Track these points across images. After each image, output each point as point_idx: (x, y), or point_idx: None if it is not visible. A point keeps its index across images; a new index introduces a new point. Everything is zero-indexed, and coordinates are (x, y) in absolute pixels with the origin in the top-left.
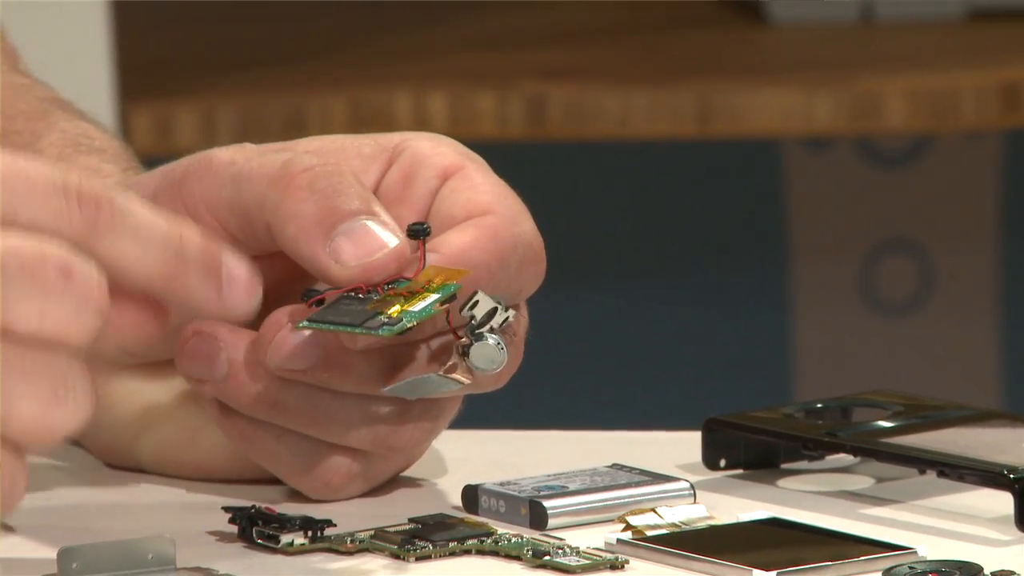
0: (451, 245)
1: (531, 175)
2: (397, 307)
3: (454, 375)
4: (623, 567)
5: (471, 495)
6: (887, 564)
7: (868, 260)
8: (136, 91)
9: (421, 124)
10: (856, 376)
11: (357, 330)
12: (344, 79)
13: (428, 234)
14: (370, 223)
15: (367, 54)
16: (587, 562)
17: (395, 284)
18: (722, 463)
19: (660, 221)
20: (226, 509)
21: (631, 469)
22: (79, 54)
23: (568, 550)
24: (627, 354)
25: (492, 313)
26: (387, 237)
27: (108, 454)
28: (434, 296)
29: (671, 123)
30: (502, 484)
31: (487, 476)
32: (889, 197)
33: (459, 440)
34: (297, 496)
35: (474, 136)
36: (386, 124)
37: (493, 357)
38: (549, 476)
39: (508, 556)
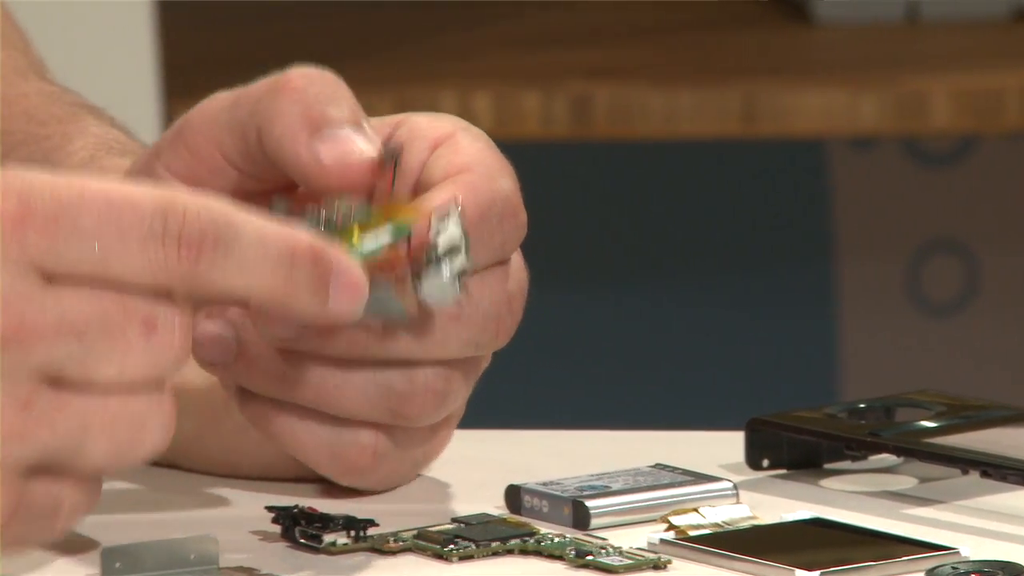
0: (430, 202)
1: (576, 175)
2: (347, 240)
3: (404, 298)
4: (666, 567)
5: (514, 495)
6: (930, 564)
7: (913, 260)
8: (181, 90)
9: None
10: (901, 376)
11: None
12: (389, 78)
13: (398, 157)
14: (354, 132)
15: (412, 53)
16: (630, 562)
17: (356, 213)
18: (765, 463)
19: (705, 220)
20: (269, 509)
21: (674, 469)
22: (124, 53)
23: (611, 550)
24: (671, 354)
25: (455, 250)
26: (367, 148)
27: None
28: (386, 234)
29: (716, 123)
30: (545, 484)
31: (530, 476)
32: (934, 197)
33: (502, 440)
34: (340, 496)
35: (519, 136)
36: None
37: (444, 291)
38: (592, 476)
39: (551, 556)
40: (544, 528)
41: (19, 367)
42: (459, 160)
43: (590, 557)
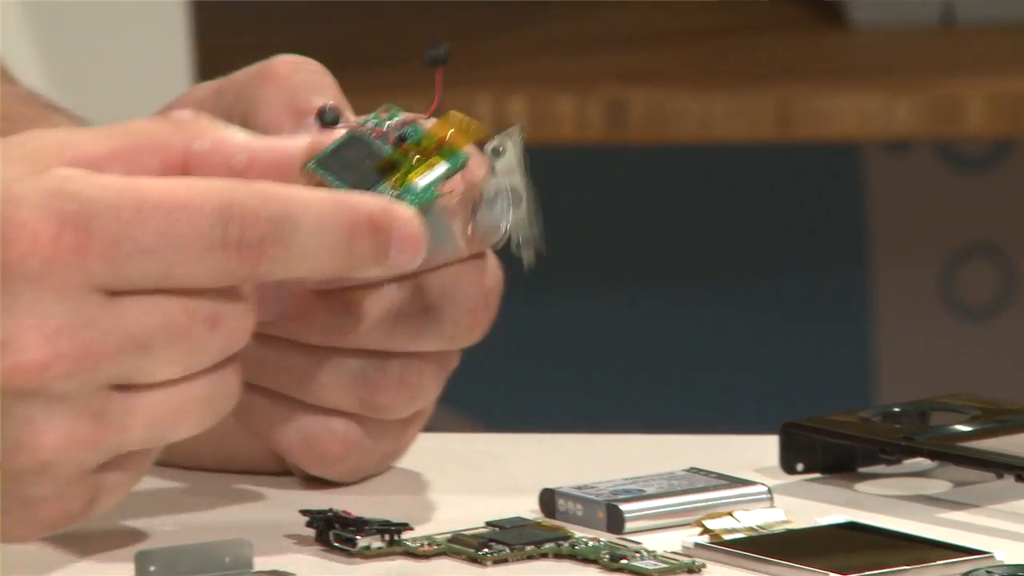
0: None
1: (611, 178)
2: (400, 176)
3: (454, 228)
4: (700, 571)
5: (548, 498)
6: (965, 568)
7: (948, 263)
8: None
9: (501, 126)
10: (936, 380)
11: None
12: (424, 82)
13: (446, 61)
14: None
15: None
16: (664, 566)
17: (410, 129)
18: (799, 467)
19: (740, 224)
20: (304, 512)
21: (708, 473)
22: (159, 55)
23: (645, 554)
24: (706, 357)
25: (511, 172)
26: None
27: None
28: (442, 168)
29: (751, 126)
30: (579, 488)
31: (564, 480)
32: (969, 201)
33: (536, 444)
34: (375, 500)
35: (554, 139)
36: None
37: (498, 221)
38: (626, 480)
39: (585, 560)
40: (578, 532)
41: (89, 385)
42: None
43: (624, 561)
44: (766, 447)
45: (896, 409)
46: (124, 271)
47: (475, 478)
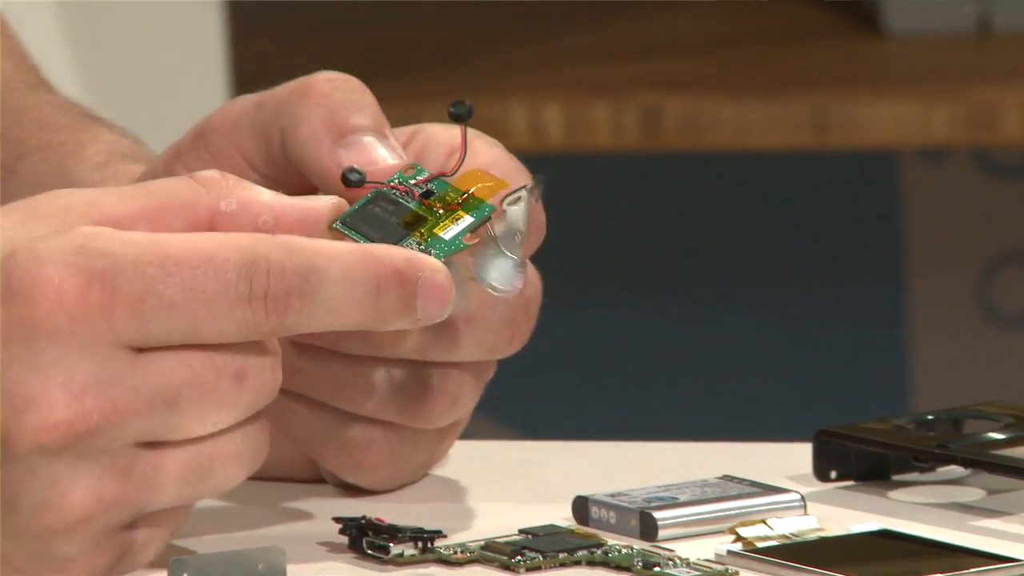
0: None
1: (646, 186)
2: (426, 230)
3: (470, 288)
4: None
5: (581, 506)
6: None
7: (984, 271)
8: None
9: (536, 134)
10: (972, 388)
11: None
12: (460, 90)
13: (471, 115)
14: (377, 141)
15: (483, 65)
16: (697, 573)
17: (435, 185)
18: (833, 474)
19: (776, 232)
20: (337, 519)
21: (741, 480)
22: (194, 60)
23: (678, 561)
24: (740, 365)
25: (516, 234)
26: (387, 155)
27: None
28: (467, 220)
29: (787, 134)
30: (612, 495)
31: (597, 487)
32: (1005, 209)
33: (570, 451)
34: (408, 507)
35: (589, 147)
36: (502, 134)
37: (507, 275)
38: (659, 487)
39: (618, 567)
40: (611, 539)
41: (116, 443)
42: (477, 163)
43: (657, 568)
44: (799, 455)
45: (930, 417)
46: (150, 327)
47: (508, 485)
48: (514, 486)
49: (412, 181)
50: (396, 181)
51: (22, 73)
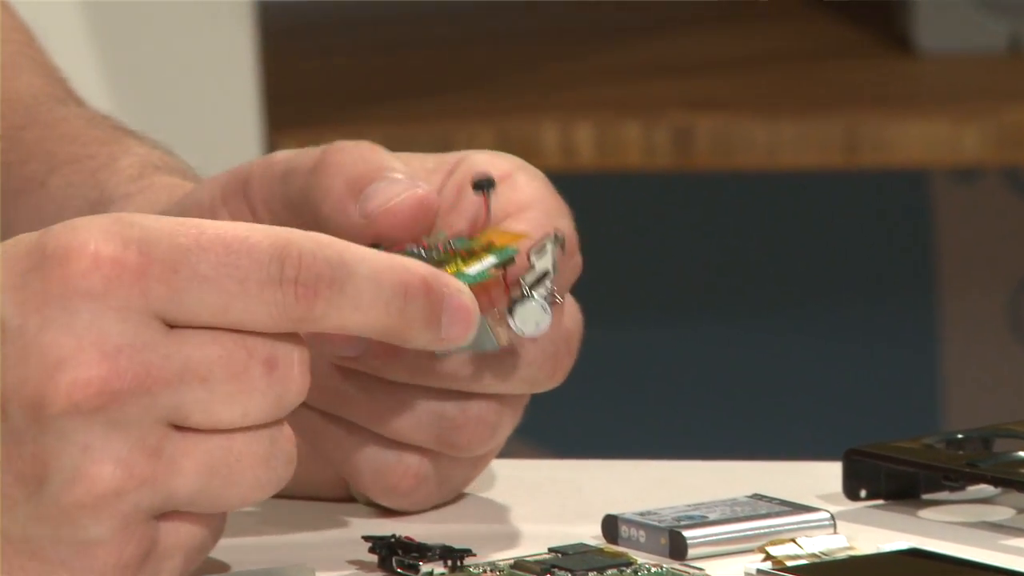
0: (527, 232)
1: (677, 205)
2: (452, 268)
3: (497, 329)
4: None
5: (611, 524)
6: None
7: (1015, 291)
8: (284, 121)
9: (567, 154)
10: (1003, 407)
11: None
12: (491, 109)
13: (492, 186)
14: (395, 175)
15: (514, 84)
16: None
17: (456, 243)
18: (862, 493)
19: (807, 251)
20: (366, 538)
21: (771, 499)
22: (227, 84)
23: None
24: (771, 384)
25: (546, 278)
26: (412, 186)
27: None
28: (491, 259)
29: (818, 154)
30: (642, 514)
31: (627, 506)
32: None
33: (599, 470)
34: (437, 525)
35: (620, 166)
36: (533, 154)
37: (537, 320)
38: (689, 506)
39: None
40: (641, 558)
41: (147, 414)
42: (518, 198)
43: None
44: (829, 474)
45: (960, 435)
46: (182, 298)
47: (538, 504)
48: (543, 504)
49: (435, 248)
50: (415, 248)
51: (51, 87)
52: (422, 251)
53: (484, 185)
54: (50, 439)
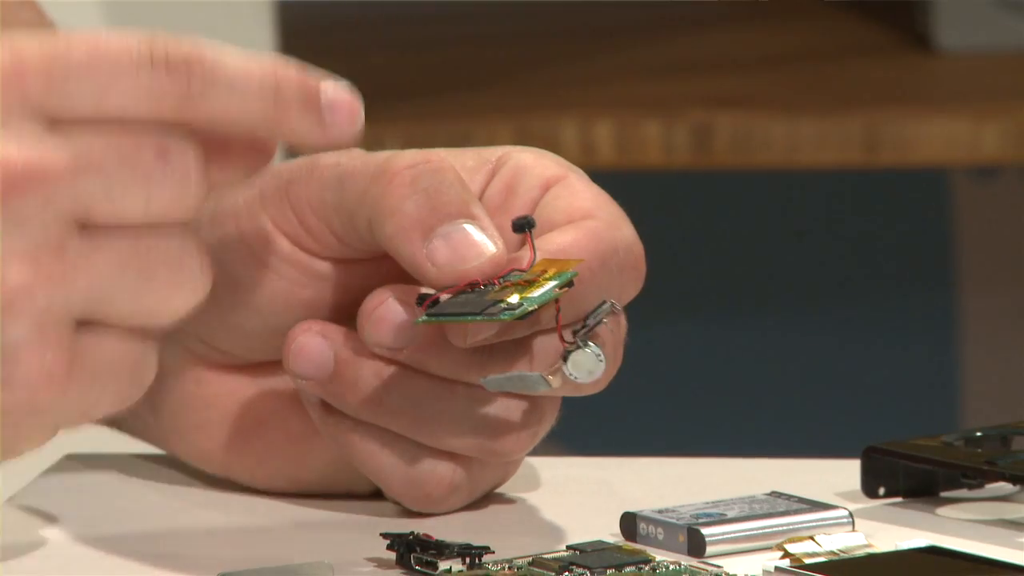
0: (552, 244)
1: (697, 203)
2: (516, 294)
3: (552, 376)
4: None
5: (629, 522)
6: None
7: None
8: None
9: (587, 152)
10: (1022, 404)
11: (478, 317)
12: (511, 107)
13: (533, 226)
14: (469, 227)
15: (534, 82)
16: None
17: (508, 277)
18: (881, 491)
19: (827, 249)
20: (384, 535)
21: (789, 497)
22: None
23: None
24: (790, 381)
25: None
26: (485, 243)
27: (199, 458)
28: (552, 282)
29: (838, 152)
30: (660, 511)
31: (645, 503)
32: None
33: (618, 467)
34: (456, 523)
35: (640, 164)
36: (552, 151)
37: (591, 368)
38: (707, 503)
39: None
40: (659, 555)
41: (44, 211)
42: (580, 204)
43: None
44: (848, 471)
45: (978, 434)
46: (60, 93)
47: (556, 501)
48: (562, 502)
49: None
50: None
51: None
52: (480, 287)
53: (525, 226)
54: None
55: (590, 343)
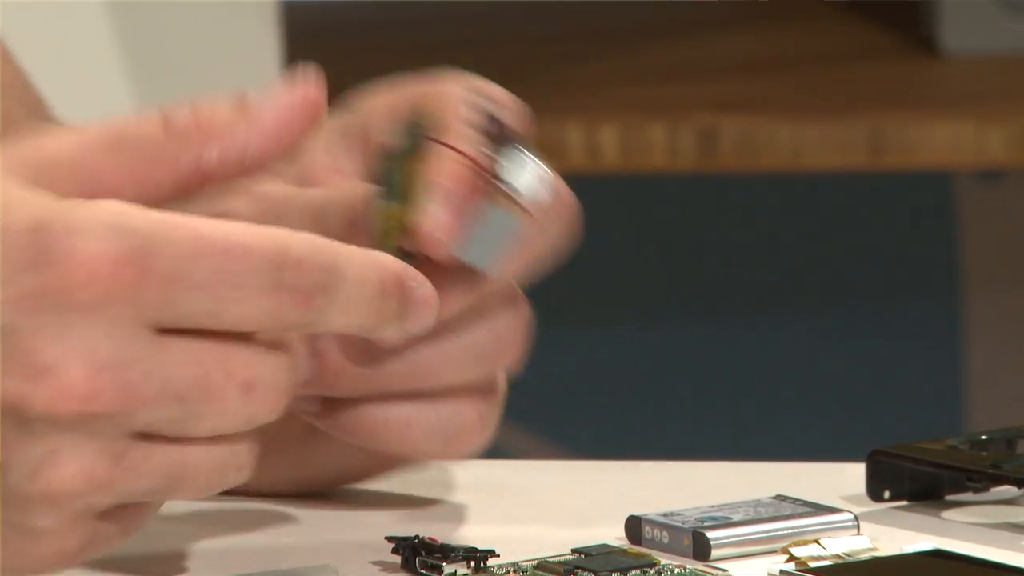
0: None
1: (702, 206)
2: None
3: (505, 205)
4: None
5: (634, 525)
6: None
7: None
8: None
9: (592, 155)
10: None
11: None
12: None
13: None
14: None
15: (539, 85)
16: None
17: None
18: (886, 494)
19: (832, 252)
20: (389, 538)
21: (795, 500)
22: (252, 85)
23: None
24: (794, 384)
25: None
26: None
27: None
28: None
29: (843, 155)
30: (665, 515)
31: (650, 507)
32: None
33: (622, 471)
34: (461, 526)
35: (645, 167)
36: (557, 155)
37: (535, 174)
38: (712, 507)
39: None
40: (664, 559)
41: (119, 429)
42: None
43: None
44: (853, 474)
45: (984, 437)
46: (177, 307)
47: (561, 505)
48: (567, 505)
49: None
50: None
51: (24, 108)
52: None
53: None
54: (21, 433)
55: (518, 150)
